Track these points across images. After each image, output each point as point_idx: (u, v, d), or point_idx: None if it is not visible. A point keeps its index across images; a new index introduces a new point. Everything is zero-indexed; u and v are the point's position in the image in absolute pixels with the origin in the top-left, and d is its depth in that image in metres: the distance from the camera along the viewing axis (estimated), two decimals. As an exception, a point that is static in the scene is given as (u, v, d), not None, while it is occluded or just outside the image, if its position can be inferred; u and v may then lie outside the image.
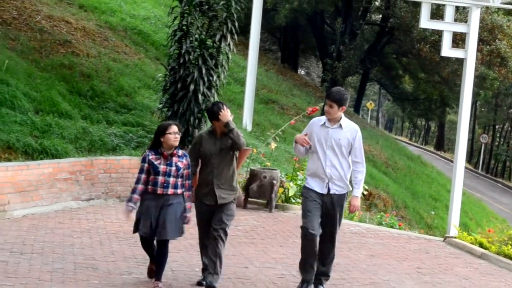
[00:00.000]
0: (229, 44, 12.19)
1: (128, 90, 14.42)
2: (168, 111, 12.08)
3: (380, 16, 39.01)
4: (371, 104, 55.86)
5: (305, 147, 6.51)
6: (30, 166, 9.49)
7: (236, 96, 19.66)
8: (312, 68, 53.90)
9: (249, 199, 11.55)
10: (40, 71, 13.28)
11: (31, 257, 7.15)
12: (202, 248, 6.62)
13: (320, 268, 6.62)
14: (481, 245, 9.70)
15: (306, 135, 6.52)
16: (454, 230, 13.42)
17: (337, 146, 6.44)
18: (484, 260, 9.19)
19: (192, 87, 11.78)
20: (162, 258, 6.30)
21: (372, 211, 16.09)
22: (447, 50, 16.01)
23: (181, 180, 6.25)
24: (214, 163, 6.37)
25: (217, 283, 6.33)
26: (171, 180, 6.18)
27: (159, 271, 6.32)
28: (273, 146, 12.72)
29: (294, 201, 11.81)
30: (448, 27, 15.92)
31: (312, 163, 6.57)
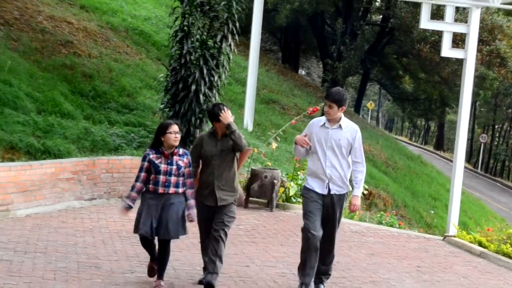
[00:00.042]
0: (230, 45, 12.19)
1: (130, 91, 14.45)
2: (170, 111, 12.09)
3: (381, 16, 39.02)
4: (371, 104, 55.87)
5: (305, 148, 6.48)
6: (33, 166, 9.49)
7: (237, 96, 19.68)
8: (313, 68, 53.86)
9: (250, 198, 11.56)
10: (42, 71, 13.31)
11: (34, 256, 7.16)
12: (203, 247, 6.60)
13: (321, 267, 6.62)
14: (480, 244, 9.69)
15: (305, 136, 6.49)
16: (453, 229, 13.50)
17: (337, 147, 6.41)
18: (483, 259, 9.19)
19: (193, 87, 11.79)
20: (164, 257, 6.29)
21: (372, 210, 16.09)
22: (447, 51, 16.11)
23: (182, 179, 6.21)
24: (215, 165, 6.33)
25: (215, 281, 6.30)
26: (173, 179, 6.15)
27: (161, 270, 6.32)
28: (274, 146, 12.75)
29: (294, 200, 11.83)
30: (448, 27, 16.01)
31: (312, 163, 6.53)
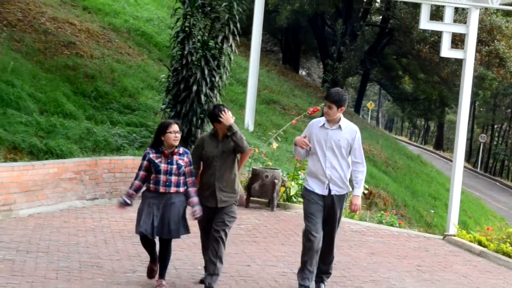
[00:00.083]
0: (231, 45, 12.19)
1: (132, 91, 14.47)
2: (171, 111, 12.09)
3: (380, 17, 39.10)
4: (371, 104, 55.91)
5: (305, 149, 6.48)
6: (36, 166, 9.51)
7: (238, 97, 19.71)
8: (313, 69, 53.89)
9: (251, 198, 11.59)
10: (45, 72, 13.34)
11: (37, 255, 7.18)
12: (203, 247, 6.61)
13: (321, 267, 6.65)
14: (480, 243, 9.71)
15: (305, 137, 6.49)
16: (453, 228, 13.55)
17: (336, 147, 6.41)
18: (483, 258, 9.20)
19: (194, 87, 11.81)
20: (165, 256, 6.31)
21: (373, 210, 16.12)
22: (446, 51, 16.17)
23: (183, 178, 6.21)
24: (216, 166, 6.30)
25: (216, 283, 6.32)
26: (173, 178, 6.16)
27: (162, 269, 6.34)
28: (274, 146, 12.78)
29: (295, 200, 11.87)
30: (447, 28, 16.07)
31: (312, 164, 6.53)
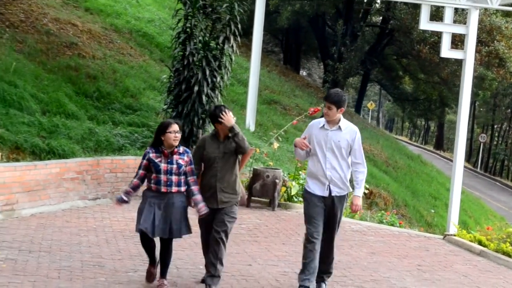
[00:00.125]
0: (232, 46, 12.24)
1: (133, 91, 14.51)
2: (173, 112, 12.14)
3: (381, 18, 39.11)
4: (371, 104, 55.92)
5: (305, 150, 6.47)
6: (38, 166, 9.53)
7: (239, 97, 19.75)
8: (314, 69, 53.93)
9: (252, 198, 11.62)
10: (47, 73, 13.38)
11: (39, 255, 7.19)
12: (204, 247, 6.61)
13: (322, 267, 6.65)
14: (480, 242, 9.73)
15: (305, 139, 6.49)
16: (453, 228, 13.58)
17: (336, 148, 6.41)
18: (483, 258, 9.22)
19: (196, 88, 11.85)
20: (167, 256, 6.33)
21: (373, 210, 16.16)
22: (446, 51, 16.21)
23: (184, 177, 6.21)
24: (217, 167, 6.29)
25: (217, 285, 6.32)
26: (174, 178, 6.16)
27: (164, 268, 6.36)
28: (275, 146, 12.80)
29: (296, 200, 11.89)
30: (447, 28, 16.11)
31: (312, 165, 6.52)
